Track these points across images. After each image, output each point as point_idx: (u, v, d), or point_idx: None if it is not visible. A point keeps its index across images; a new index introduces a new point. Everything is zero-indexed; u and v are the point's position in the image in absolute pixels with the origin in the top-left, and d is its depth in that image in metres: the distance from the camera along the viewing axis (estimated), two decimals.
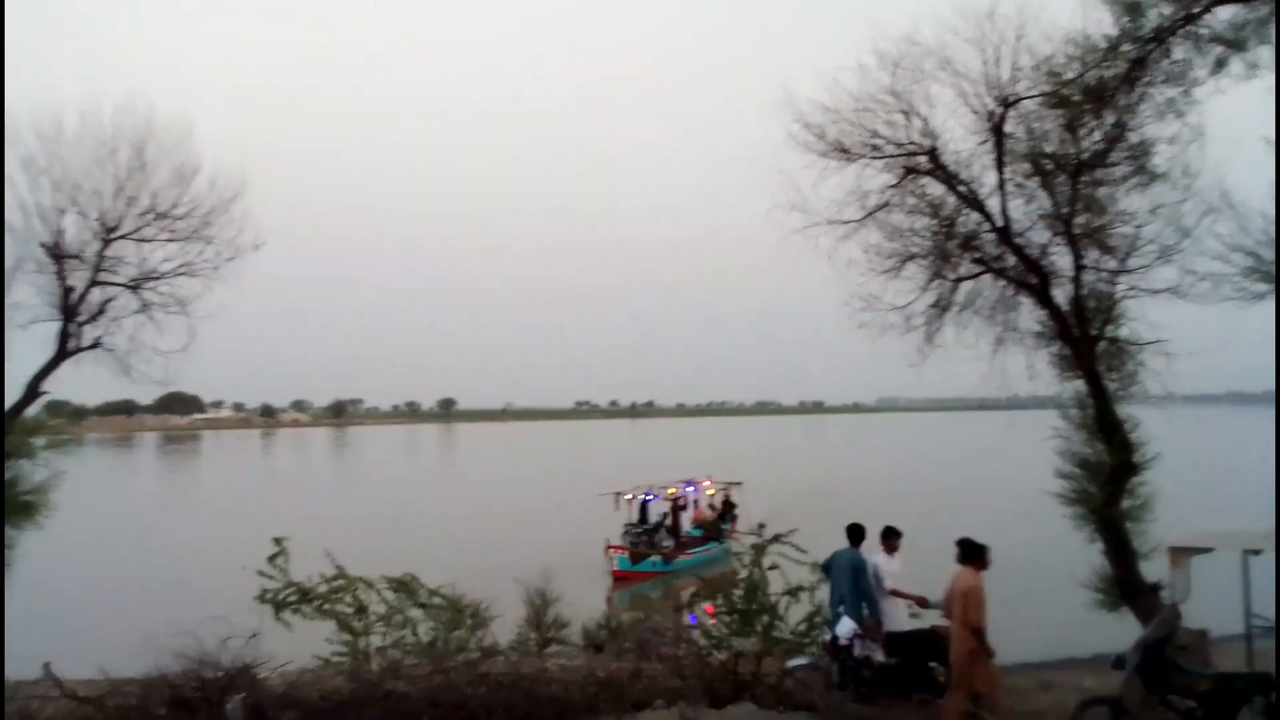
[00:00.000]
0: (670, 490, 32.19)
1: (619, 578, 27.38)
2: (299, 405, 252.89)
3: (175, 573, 29.09)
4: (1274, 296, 6.29)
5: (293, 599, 10.72)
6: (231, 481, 73.47)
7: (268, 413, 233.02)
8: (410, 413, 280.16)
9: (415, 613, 11.08)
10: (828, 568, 10.97)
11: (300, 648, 10.14)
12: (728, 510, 34.38)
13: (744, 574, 11.07)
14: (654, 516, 31.95)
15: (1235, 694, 8.04)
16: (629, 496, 31.46)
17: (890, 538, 11.07)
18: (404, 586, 11.10)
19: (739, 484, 35.52)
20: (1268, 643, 9.61)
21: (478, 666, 8.34)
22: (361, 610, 10.90)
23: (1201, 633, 10.56)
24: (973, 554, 9.44)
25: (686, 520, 32.78)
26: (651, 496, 32.02)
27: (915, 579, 10.99)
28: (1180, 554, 8.79)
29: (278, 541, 10.96)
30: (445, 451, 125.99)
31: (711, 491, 35.24)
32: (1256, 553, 8.74)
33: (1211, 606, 9.60)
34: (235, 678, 8.12)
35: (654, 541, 30.28)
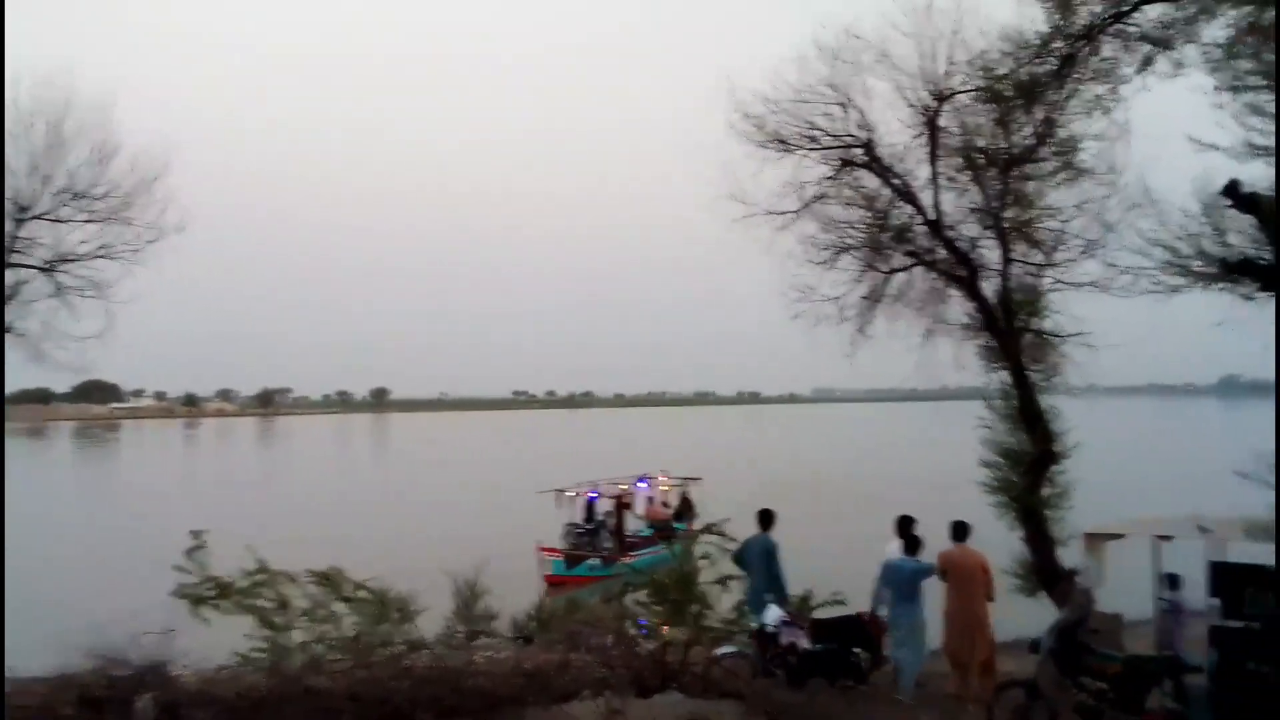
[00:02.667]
0: (622, 486, 29.98)
1: (553, 583, 24.98)
2: (224, 394, 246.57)
3: (87, 569, 28.07)
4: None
5: (211, 594, 10.36)
6: (151, 473, 71.21)
7: (191, 402, 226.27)
8: (342, 402, 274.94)
9: (340, 607, 10.80)
10: (741, 556, 11.06)
11: (219, 645, 9.82)
12: (686, 509, 31.88)
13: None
14: (601, 515, 29.68)
15: (1145, 676, 8.28)
16: (572, 494, 29.06)
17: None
18: (328, 580, 10.78)
19: (697, 479, 32.91)
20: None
21: (402, 660, 8.16)
22: (283, 605, 10.59)
23: (1115, 617, 10.90)
24: (967, 532, 10.23)
25: (638, 519, 30.68)
26: (595, 494, 29.68)
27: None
28: (1095, 540, 9.05)
29: (195, 535, 10.61)
30: (378, 443, 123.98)
31: (666, 487, 32.57)
32: (1167, 539, 9.03)
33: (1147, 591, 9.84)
34: (146, 676, 7.82)
35: (594, 543, 28.13)
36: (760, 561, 10.91)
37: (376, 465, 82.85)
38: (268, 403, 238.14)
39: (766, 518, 11.29)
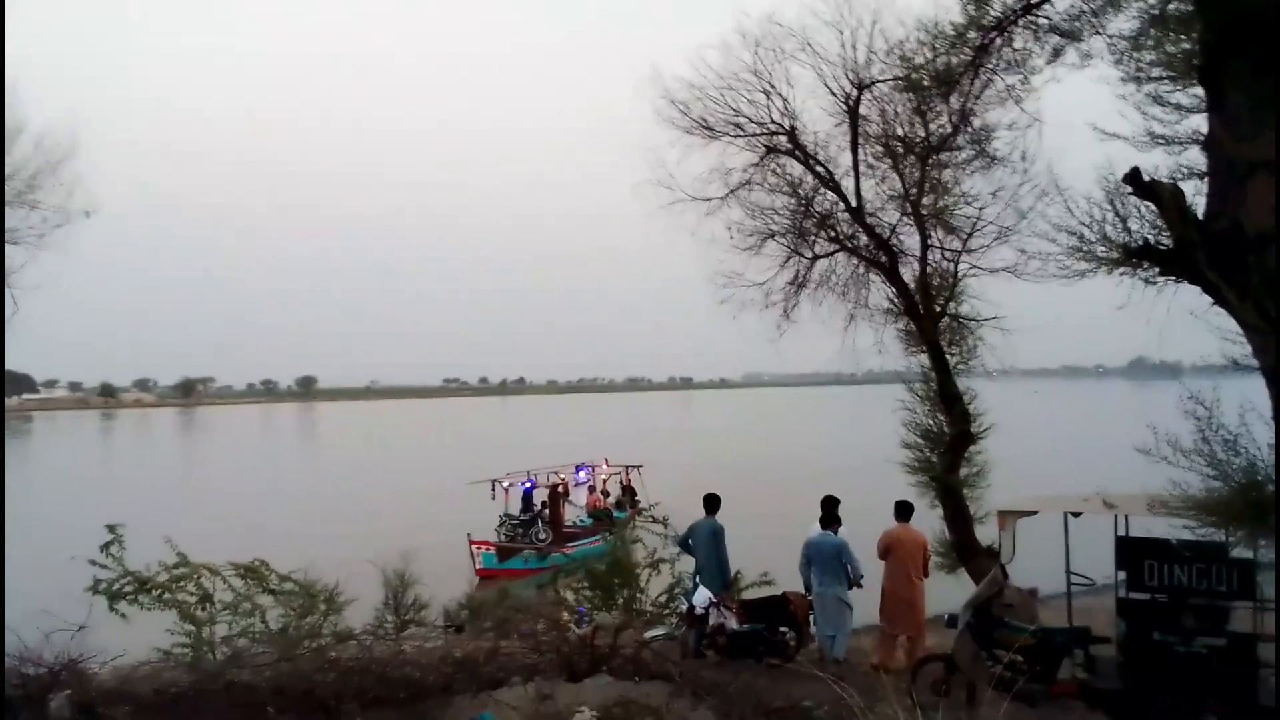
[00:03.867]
0: (561, 475, 29.11)
1: (485, 577, 23.87)
2: (143, 384, 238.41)
3: None
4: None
5: (129, 589, 10.07)
6: (64, 466, 68.45)
7: (108, 392, 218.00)
8: (267, 391, 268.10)
9: (265, 600, 10.60)
10: (687, 540, 11.24)
11: (139, 640, 9.56)
12: (628, 496, 31.18)
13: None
14: (539, 505, 28.30)
15: (1056, 648, 8.62)
16: (506, 483, 28.04)
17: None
18: (252, 572, 10.56)
19: (639, 467, 32.26)
20: (1087, 599, 10.40)
21: (328, 652, 8.06)
22: (206, 599, 10.35)
23: (1031, 591, 11.31)
24: (910, 512, 10.83)
25: (579, 508, 29.94)
26: (530, 483, 28.32)
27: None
28: (1007, 517, 9.36)
29: (111, 529, 10.28)
30: (304, 432, 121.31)
31: (605, 476, 31.94)
32: (1076, 515, 9.40)
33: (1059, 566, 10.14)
34: (60, 674, 7.60)
35: (529, 534, 27.13)
36: (707, 545, 11.12)
37: (303, 455, 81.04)
38: (189, 392, 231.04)
39: (712, 502, 11.49)
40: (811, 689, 8.53)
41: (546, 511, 28.05)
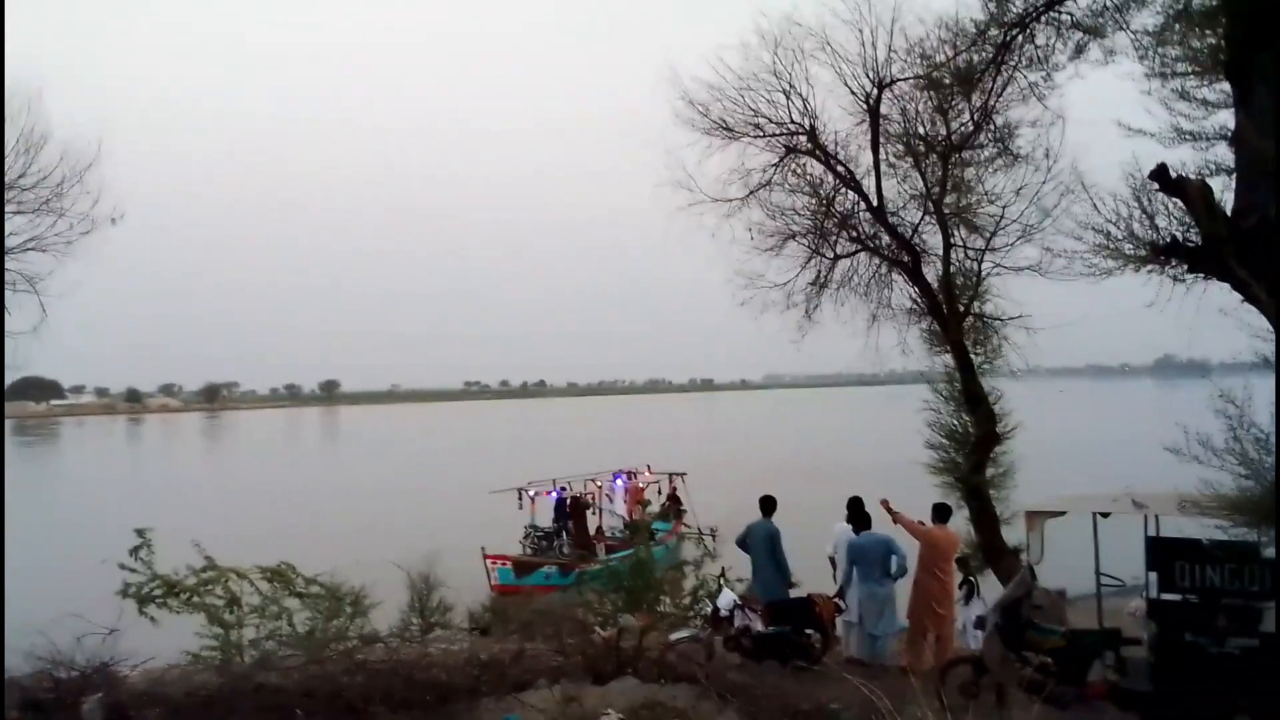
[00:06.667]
0: (597, 483, 27.94)
1: (503, 593, 22.10)
2: (168, 389, 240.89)
3: (29, 570, 27.25)
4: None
5: (158, 593, 10.19)
6: (93, 471, 69.35)
7: (134, 397, 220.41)
8: (290, 396, 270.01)
9: (292, 603, 10.69)
10: (744, 541, 11.30)
11: (168, 644, 9.67)
12: (673, 505, 29.50)
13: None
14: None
15: (1086, 649, 8.54)
16: (533, 492, 26.53)
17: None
18: (279, 576, 10.65)
19: (683, 474, 30.51)
20: (1116, 600, 10.29)
21: (355, 654, 8.12)
22: (234, 602, 10.45)
23: (1060, 592, 11.21)
24: (948, 514, 11.02)
25: (618, 517, 28.20)
26: (560, 492, 26.78)
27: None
28: (1035, 518, 9.30)
29: (140, 533, 10.41)
30: (329, 436, 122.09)
31: (644, 485, 29.80)
32: (1105, 515, 9.31)
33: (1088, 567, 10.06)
34: (91, 677, 7.70)
35: (552, 546, 25.70)
36: (764, 546, 11.16)
37: (328, 459, 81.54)
38: (213, 397, 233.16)
39: (768, 504, 11.56)
40: (838, 691, 8.51)
41: (571, 523, 26.51)
